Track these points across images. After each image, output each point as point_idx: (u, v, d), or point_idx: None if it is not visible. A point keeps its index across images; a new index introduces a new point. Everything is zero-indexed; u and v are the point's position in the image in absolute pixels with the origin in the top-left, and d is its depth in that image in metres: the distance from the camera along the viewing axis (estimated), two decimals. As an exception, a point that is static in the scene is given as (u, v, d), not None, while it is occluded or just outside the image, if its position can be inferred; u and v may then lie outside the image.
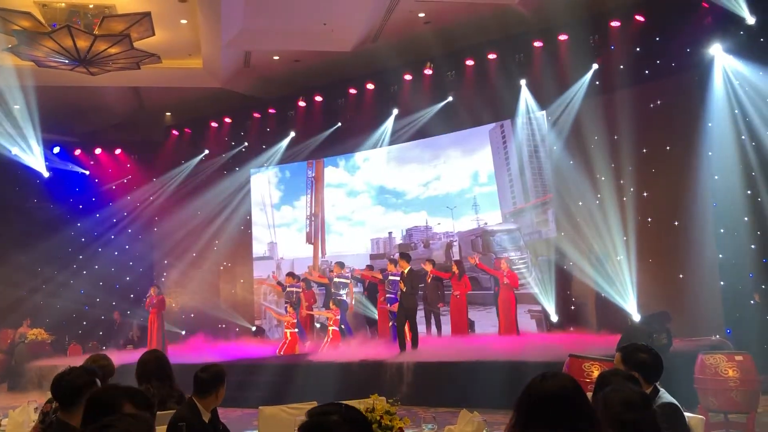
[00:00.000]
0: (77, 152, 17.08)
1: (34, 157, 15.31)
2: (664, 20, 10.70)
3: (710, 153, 10.02)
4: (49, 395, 3.80)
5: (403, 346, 10.48)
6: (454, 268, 12.12)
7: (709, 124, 10.07)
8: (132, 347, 14.56)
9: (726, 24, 9.89)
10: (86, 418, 2.65)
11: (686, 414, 3.35)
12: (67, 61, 11.04)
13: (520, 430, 2.14)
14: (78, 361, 4.84)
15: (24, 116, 14.22)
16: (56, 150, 16.55)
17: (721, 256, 9.86)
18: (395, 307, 11.10)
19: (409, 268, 10.68)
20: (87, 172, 17.25)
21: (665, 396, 3.31)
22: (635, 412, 2.37)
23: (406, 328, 10.76)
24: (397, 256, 11.73)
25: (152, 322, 13.71)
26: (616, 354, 3.56)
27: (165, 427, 3.68)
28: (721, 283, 9.83)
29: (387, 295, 12.11)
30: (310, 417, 1.99)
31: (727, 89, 9.97)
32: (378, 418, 3.48)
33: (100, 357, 4.48)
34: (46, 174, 15.93)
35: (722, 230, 9.84)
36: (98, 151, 17.16)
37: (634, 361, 3.43)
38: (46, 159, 15.80)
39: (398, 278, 10.99)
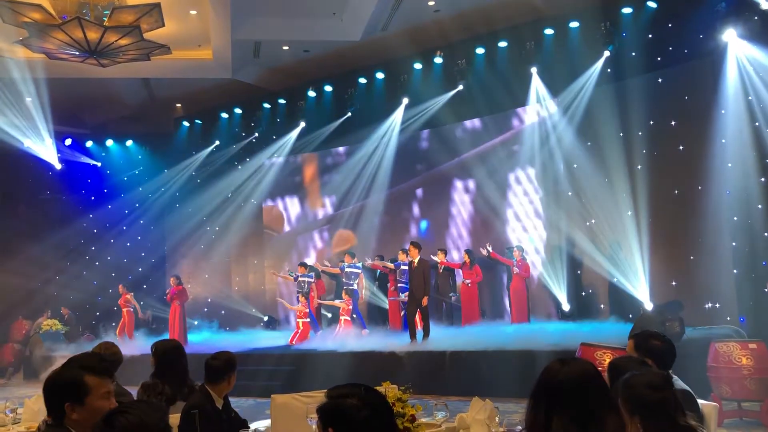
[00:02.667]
0: (89, 144, 17.16)
1: (46, 149, 15.41)
2: (676, 6, 10.58)
3: (723, 140, 9.93)
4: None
5: (413, 335, 10.50)
6: (465, 257, 12.13)
7: (723, 111, 9.98)
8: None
9: (740, 9, 9.78)
10: (51, 400, 2.50)
11: (699, 401, 3.34)
12: (77, 53, 11.07)
13: (543, 417, 2.14)
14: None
15: (36, 108, 14.31)
16: (68, 142, 16.64)
17: (734, 244, 9.80)
18: (406, 296, 11.13)
19: (419, 257, 10.68)
20: (99, 164, 17.34)
21: (678, 383, 3.29)
22: (660, 393, 2.40)
23: (417, 317, 10.77)
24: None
25: (173, 312, 13.75)
26: (629, 341, 3.55)
27: (179, 415, 3.71)
28: (735, 271, 9.77)
29: (398, 285, 12.12)
30: (329, 399, 1.98)
31: (741, 75, 9.85)
32: (390, 405, 3.48)
33: (109, 345, 4.49)
34: (58, 166, 16.03)
35: (736, 218, 9.76)
36: (109, 142, 17.23)
37: (647, 347, 3.42)
38: (58, 151, 15.90)
39: (408, 267, 11.00)
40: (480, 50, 12.57)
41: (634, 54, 10.89)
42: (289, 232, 16.28)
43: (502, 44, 12.30)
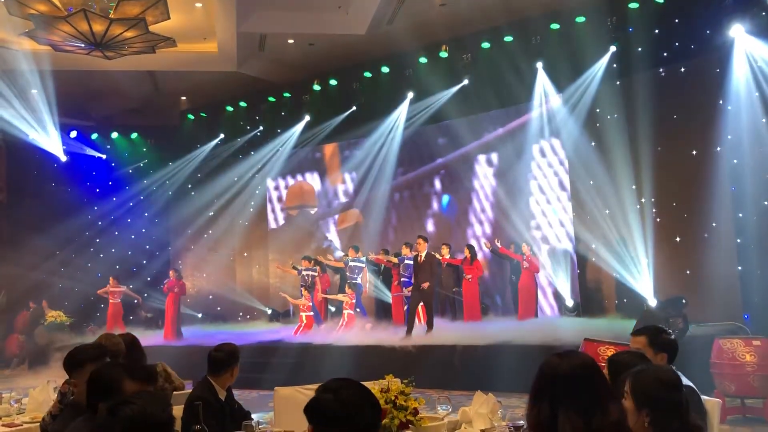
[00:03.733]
0: (94, 136, 17.20)
1: (51, 141, 15.43)
2: (683, 1, 10.52)
3: (729, 136, 9.89)
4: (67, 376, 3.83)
5: (410, 330, 10.46)
6: (466, 252, 12.11)
7: (729, 108, 9.94)
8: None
9: (747, 5, 9.74)
10: (89, 396, 2.64)
11: (702, 398, 3.33)
12: (83, 46, 11.09)
13: (548, 410, 2.13)
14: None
15: (41, 101, 14.32)
16: (73, 134, 16.66)
17: (739, 240, 9.78)
18: (409, 291, 11.13)
19: (426, 251, 10.69)
20: (104, 156, 17.37)
21: (682, 379, 3.29)
22: (674, 392, 2.39)
23: (422, 311, 10.77)
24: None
25: (169, 306, 13.80)
26: (641, 338, 3.52)
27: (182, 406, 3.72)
28: (739, 267, 9.75)
29: (401, 279, 12.12)
30: (315, 394, 2.01)
31: (748, 71, 9.81)
32: (393, 398, 3.49)
33: (111, 336, 4.50)
34: (63, 158, 16.06)
35: (740, 215, 9.74)
36: (114, 135, 17.27)
37: (662, 342, 3.40)
38: (64, 143, 15.92)
39: (413, 262, 11.01)
40: (485, 45, 12.53)
41: (640, 49, 10.82)
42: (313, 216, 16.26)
43: (508, 39, 12.25)
